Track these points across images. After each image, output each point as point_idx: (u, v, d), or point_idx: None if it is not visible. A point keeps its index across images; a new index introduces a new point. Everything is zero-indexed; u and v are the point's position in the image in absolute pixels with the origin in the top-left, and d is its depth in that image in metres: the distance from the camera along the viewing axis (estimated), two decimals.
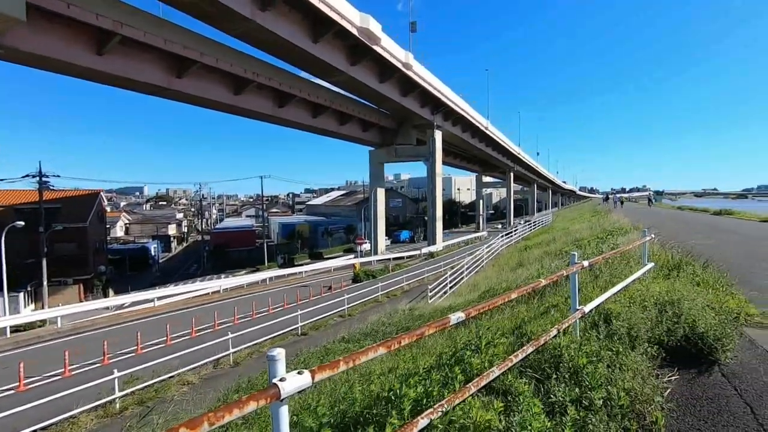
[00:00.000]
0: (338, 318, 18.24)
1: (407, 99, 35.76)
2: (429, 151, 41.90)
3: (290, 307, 19.91)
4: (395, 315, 12.94)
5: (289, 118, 32.03)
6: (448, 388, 2.70)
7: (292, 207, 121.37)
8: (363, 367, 5.70)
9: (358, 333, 11.50)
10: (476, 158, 67.37)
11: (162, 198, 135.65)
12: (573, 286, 3.85)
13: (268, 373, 1.49)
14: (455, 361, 3.23)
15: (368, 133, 41.34)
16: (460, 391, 2.36)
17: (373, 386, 3.60)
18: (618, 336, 3.67)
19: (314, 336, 15.03)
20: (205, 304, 22.91)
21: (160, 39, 20.38)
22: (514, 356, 2.77)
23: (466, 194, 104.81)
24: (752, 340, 4.07)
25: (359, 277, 28.76)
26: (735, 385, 3.19)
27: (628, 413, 2.63)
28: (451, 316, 2.16)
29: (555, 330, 3.31)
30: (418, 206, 77.63)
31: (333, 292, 24.41)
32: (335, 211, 78.01)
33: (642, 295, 4.81)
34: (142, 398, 9.85)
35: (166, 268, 54.49)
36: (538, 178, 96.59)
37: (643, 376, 3.05)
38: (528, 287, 3.10)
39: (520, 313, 5.85)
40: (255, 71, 25.97)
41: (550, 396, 2.65)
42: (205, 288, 26.64)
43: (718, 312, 4.35)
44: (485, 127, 51.49)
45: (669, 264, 6.80)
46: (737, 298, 5.19)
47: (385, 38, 28.20)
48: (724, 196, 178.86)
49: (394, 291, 23.60)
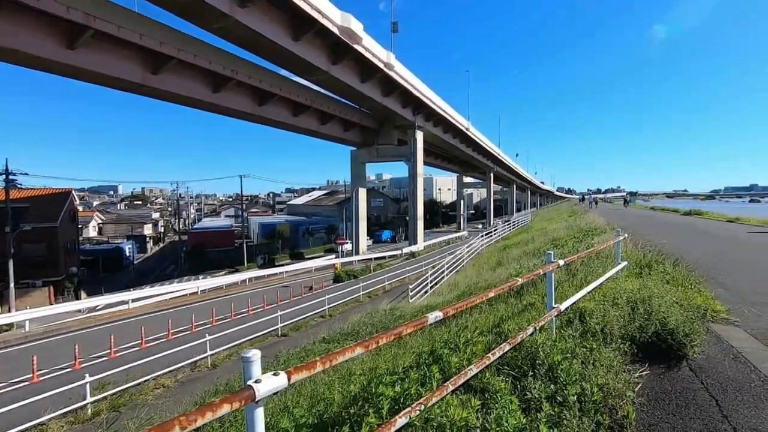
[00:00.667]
0: (319, 318, 18.13)
1: (389, 99, 35.80)
2: (410, 151, 42.06)
3: (270, 308, 19.67)
4: (376, 315, 12.92)
5: (270, 117, 31.66)
6: (427, 387, 2.71)
7: (272, 207, 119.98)
8: (343, 368, 5.68)
9: (339, 333, 11.44)
10: (457, 159, 67.99)
11: (137, 197, 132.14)
12: (549, 285, 3.92)
13: (242, 375, 1.47)
14: (434, 360, 3.25)
15: (350, 133, 41.23)
16: (438, 389, 2.37)
17: (352, 386, 3.59)
18: (592, 333, 3.76)
19: (295, 337, 14.89)
20: (183, 305, 22.43)
21: (136, 34, 19.83)
22: (492, 354, 2.81)
23: (447, 194, 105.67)
24: (718, 335, 4.23)
25: (340, 277, 28.65)
26: (702, 379, 3.31)
27: (600, 408, 2.69)
28: (429, 315, 2.17)
29: (531, 328, 3.37)
30: (399, 206, 77.87)
31: (314, 292, 24.24)
32: (316, 211, 77.48)
33: (615, 292, 4.93)
34: (115, 403, 9.57)
35: (141, 269, 53.08)
36: (517, 178, 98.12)
37: (616, 371, 3.13)
38: (505, 286, 3.14)
39: (499, 311, 5.93)
40: (234, 69, 25.57)
41: (527, 393, 2.70)
42: (183, 289, 26.07)
43: (687, 309, 4.51)
44: (466, 129, 52.00)
45: (641, 263, 7.00)
46: (705, 296, 5.39)
47: (367, 38, 28.16)
48: (693, 197, 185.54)
49: (375, 291, 23.59)
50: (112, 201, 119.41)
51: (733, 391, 3.08)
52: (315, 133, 38.65)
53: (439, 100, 42.68)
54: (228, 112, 30.01)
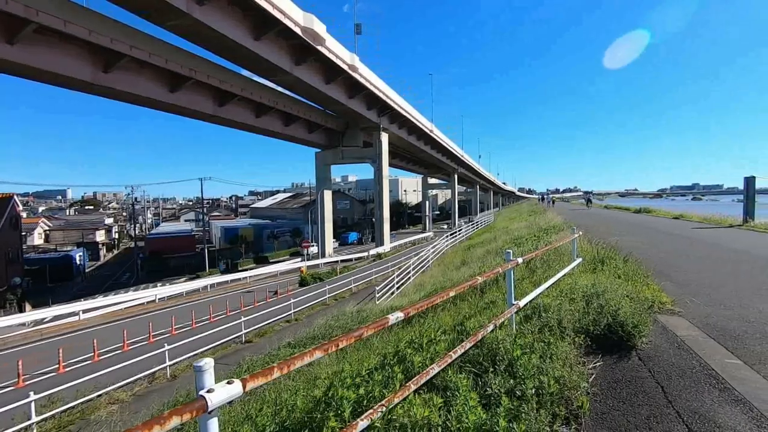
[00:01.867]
0: (285, 323, 17.80)
1: (353, 101, 35.75)
2: (376, 153, 42.17)
3: (233, 314, 19.14)
4: (342, 317, 12.83)
5: (231, 118, 30.85)
6: (390, 387, 2.72)
7: (235, 210, 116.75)
8: (309, 372, 5.61)
9: (305, 337, 11.28)
10: (422, 161, 68.79)
11: (89, 202, 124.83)
12: (509, 282, 4.03)
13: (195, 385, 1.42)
14: (398, 360, 3.26)
15: (314, 135, 40.83)
16: (401, 390, 2.38)
17: (317, 391, 3.54)
18: (549, 328, 3.90)
19: (259, 343, 14.56)
20: (140, 315, 21.41)
21: (84, 30, 18.78)
22: (453, 352, 2.85)
23: (413, 195, 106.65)
24: (664, 325, 4.49)
25: (306, 280, 28.30)
26: (649, 367, 3.50)
27: (557, 400, 2.80)
28: (390, 316, 2.18)
29: (492, 325, 3.45)
30: (365, 208, 77.80)
31: (279, 297, 23.78)
32: (281, 214, 76.13)
33: (571, 288, 5.14)
34: (63, 422, 8.99)
35: (94, 277, 50.18)
36: (480, 179, 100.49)
37: (571, 364, 3.26)
38: (465, 285, 3.20)
39: (463, 309, 6.04)
40: (193, 68, 24.74)
41: (487, 388, 2.76)
42: (139, 298, 24.87)
43: (636, 302, 4.77)
44: (430, 131, 52.72)
45: (595, 259, 7.34)
46: (652, 288, 5.71)
47: (330, 39, 28.01)
48: (643, 196, 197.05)
49: (342, 293, 23.45)
50: (60, 206, 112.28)
51: (677, 378, 3.27)
52: (279, 135, 38.02)
53: (404, 103, 43.06)
54: (187, 113, 28.99)
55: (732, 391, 3.01)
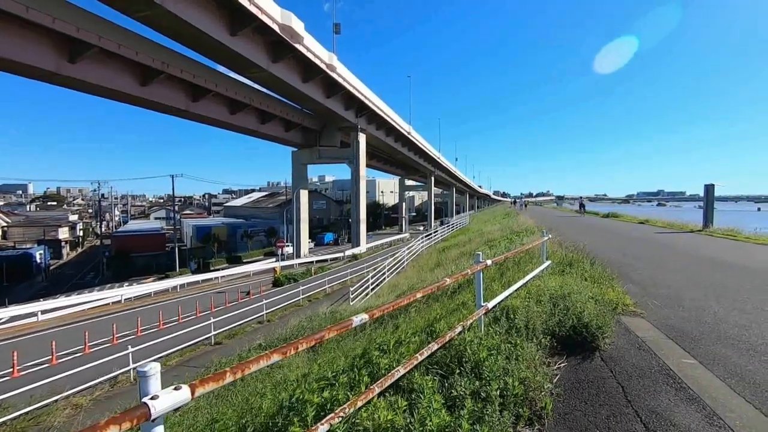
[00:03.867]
0: (257, 324, 17.48)
1: (331, 100, 35.52)
2: (353, 153, 42.04)
3: (203, 315, 18.65)
4: (316, 318, 12.69)
5: (205, 114, 30.08)
6: (355, 390, 2.68)
7: (208, 208, 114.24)
8: (278, 374, 5.50)
9: (276, 339, 11.08)
10: (400, 162, 69.04)
11: (52, 197, 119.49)
12: (478, 284, 4.06)
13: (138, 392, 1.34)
14: (365, 363, 3.23)
15: (291, 134, 40.35)
16: (365, 393, 2.35)
17: (284, 394, 3.47)
18: (516, 329, 3.94)
19: (229, 345, 14.23)
20: (104, 316, 20.58)
21: (48, 17, 17.94)
22: (420, 354, 2.83)
23: (390, 197, 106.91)
24: (626, 327, 4.62)
25: (280, 281, 27.90)
26: (611, 368, 3.59)
27: (521, 401, 2.82)
28: (354, 318, 2.14)
29: (460, 327, 3.45)
30: (342, 208, 77.43)
31: (251, 297, 23.35)
32: (256, 213, 74.82)
33: (539, 290, 5.23)
34: (16, 428, 8.52)
35: (55, 276, 47.97)
36: (456, 182, 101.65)
37: (536, 365, 3.30)
38: (434, 286, 3.20)
39: (434, 310, 6.06)
40: (165, 61, 24.01)
41: (452, 390, 2.75)
42: (104, 298, 23.91)
43: (600, 304, 4.89)
44: (408, 132, 52.97)
45: (563, 261, 7.50)
46: (616, 291, 5.88)
47: (308, 38, 27.75)
48: (611, 201, 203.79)
49: (316, 294, 23.22)
50: (20, 201, 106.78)
51: (637, 378, 3.37)
52: (254, 133, 37.38)
53: (382, 104, 43.10)
54: (158, 108, 28.07)
55: (687, 390, 3.12)
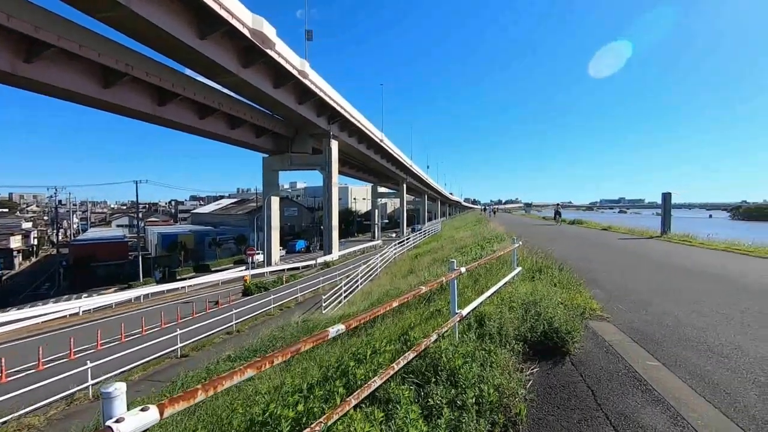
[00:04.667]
0: (225, 335, 16.98)
1: (303, 107, 35.30)
2: (325, 160, 41.82)
3: (169, 326, 17.96)
4: (288, 328, 12.44)
5: (172, 119, 29.24)
6: (331, 403, 2.63)
7: (174, 215, 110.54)
8: (249, 387, 5.33)
9: (247, 350, 10.79)
10: (372, 169, 69.21)
11: (3, 203, 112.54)
12: (452, 291, 4.09)
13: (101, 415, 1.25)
14: (340, 374, 3.17)
15: (262, 140, 39.76)
16: (341, 405, 2.30)
17: (255, 408, 3.36)
18: (490, 336, 3.99)
19: (196, 357, 13.73)
20: (60, 329, 19.47)
21: (2, 14, 17.04)
22: (396, 364, 2.81)
23: (362, 204, 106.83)
24: (594, 331, 4.76)
25: (250, 290, 27.26)
26: (581, 372, 3.68)
27: (496, 408, 2.84)
28: (330, 329, 2.10)
29: (435, 334, 3.46)
30: (314, 215, 76.73)
31: (220, 307, 22.70)
32: (225, 221, 73.02)
33: (511, 296, 5.32)
34: None
35: (7, 288, 45.05)
36: (428, 189, 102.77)
37: (510, 371, 3.34)
38: (409, 295, 3.19)
39: (409, 318, 6.05)
40: (130, 63, 23.22)
41: (429, 399, 2.74)
42: (60, 310, 22.64)
43: (570, 309, 5.02)
44: (380, 140, 53.23)
45: (533, 268, 7.68)
46: (584, 296, 6.05)
47: (280, 43, 27.55)
48: (576, 209, 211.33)
49: (287, 303, 22.82)
50: None
51: (606, 381, 3.46)
52: (224, 138, 36.61)
53: (354, 111, 43.18)
54: (123, 111, 27.07)
55: (653, 392, 3.23)
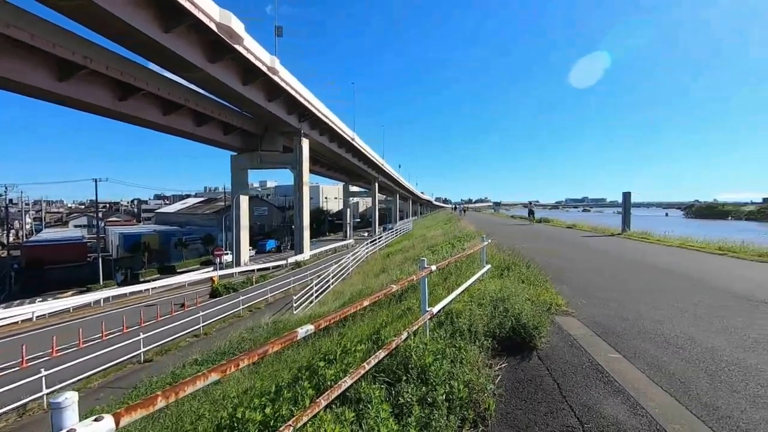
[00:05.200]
0: (192, 338, 16.49)
1: (273, 104, 34.69)
2: (296, 159, 41.27)
3: (131, 330, 17.27)
4: (257, 329, 12.21)
5: (134, 114, 28.04)
6: (300, 405, 2.58)
7: (137, 215, 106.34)
8: (217, 390, 5.19)
9: (215, 353, 10.51)
10: (344, 168, 68.86)
11: None
12: (423, 290, 4.11)
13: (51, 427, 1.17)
14: (310, 375, 3.13)
15: (230, 137, 38.79)
16: (311, 406, 2.27)
17: (222, 412, 3.27)
18: (460, 333, 4.04)
19: (161, 361, 13.26)
20: (10, 336, 18.32)
21: None
22: (367, 363, 2.80)
23: (334, 203, 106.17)
24: (560, 326, 4.91)
25: (218, 291, 26.59)
26: (547, 365, 3.78)
27: (466, 404, 2.87)
28: (299, 330, 2.06)
29: (406, 333, 3.46)
30: (284, 214, 75.62)
31: (186, 309, 22.00)
32: (192, 220, 70.83)
33: (481, 293, 5.41)
34: None
35: None
36: (400, 188, 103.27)
37: (479, 367, 3.39)
38: (380, 294, 3.18)
39: (380, 317, 6.05)
40: (88, 55, 22.10)
41: (400, 398, 2.74)
42: (11, 316, 21.31)
43: (537, 304, 5.16)
44: (352, 138, 53.02)
45: (502, 265, 7.84)
46: (550, 292, 6.23)
47: (249, 39, 26.94)
48: (543, 207, 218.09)
49: (257, 304, 22.39)
50: None
51: (571, 374, 3.57)
52: (190, 135, 35.47)
53: (325, 109, 42.82)
54: (80, 106, 25.75)
55: (614, 383, 3.36)
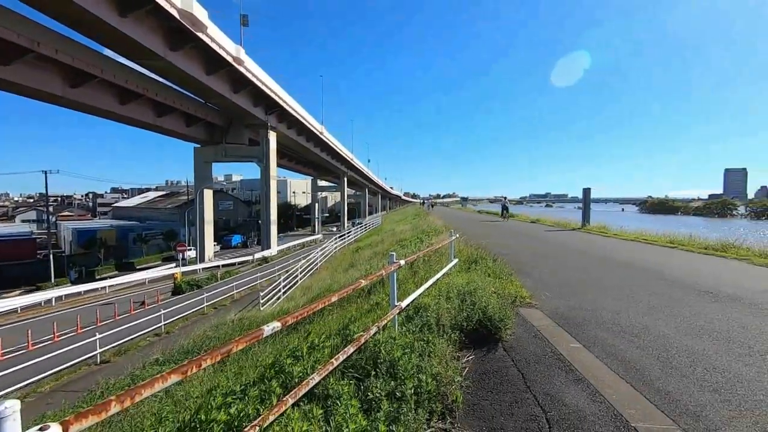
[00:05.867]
0: (153, 337, 15.89)
1: (239, 96, 33.73)
2: (263, 152, 40.37)
3: (87, 330, 16.43)
4: (222, 327, 11.91)
5: (88, 102, 26.53)
6: (267, 403, 2.52)
7: (93, 209, 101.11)
8: (179, 390, 5.01)
9: (177, 351, 10.17)
10: (312, 162, 68.02)
11: None
12: (392, 284, 4.11)
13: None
14: (276, 372, 3.07)
15: (193, 129, 37.45)
16: (277, 405, 2.22)
17: (185, 414, 3.15)
18: (428, 326, 4.07)
19: (119, 362, 12.70)
20: None
21: None
22: (336, 359, 2.77)
23: (302, 197, 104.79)
24: (524, 317, 5.05)
25: (181, 288, 25.71)
26: (512, 356, 3.88)
27: (434, 397, 2.90)
28: (265, 327, 2.00)
29: (375, 327, 3.45)
30: (251, 209, 73.89)
31: (147, 307, 21.15)
32: (152, 215, 67.98)
33: (448, 287, 5.48)
34: None
35: None
36: (369, 183, 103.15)
37: (447, 360, 3.43)
38: (349, 288, 3.15)
39: (349, 312, 6.02)
40: (36, 39, 20.67)
41: (368, 393, 2.73)
42: None
43: (502, 297, 5.28)
44: (320, 132, 52.40)
45: (469, 259, 7.99)
46: (515, 284, 6.40)
47: (213, 27, 26.02)
48: (510, 202, 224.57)
49: (222, 301, 21.84)
50: None
51: (534, 364, 3.68)
52: (150, 126, 33.97)
53: (293, 102, 42.05)
54: (27, 92, 24.07)
55: (575, 372, 3.49)
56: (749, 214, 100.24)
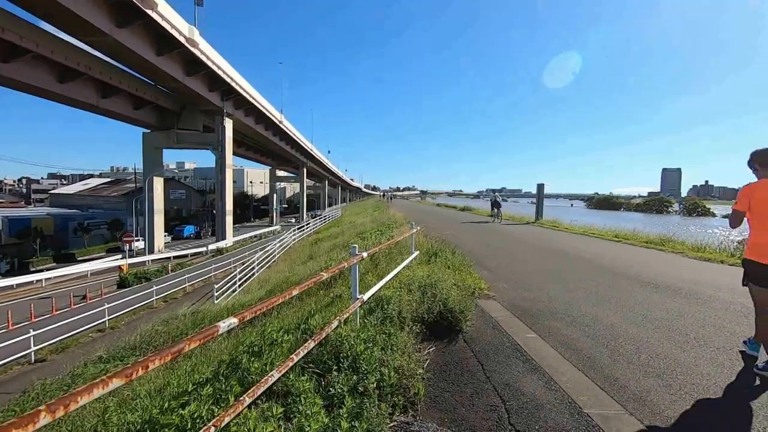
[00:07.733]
0: (96, 333, 14.94)
1: (192, 80, 32.11)
2: (218, 140, 38.79)
3: (19, 327, 15.17)
4: (173, 321, 11.35)
5: (20, 80, 24.27)
6: (223, 403, 2.39)
7: (26, 196, 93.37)
8: (125, 390, 4.71)
9: (123, 348, 9.58)
10: (271, 152, 66.24)
11: None
12: (353, 277, 4.04)
13: None
14: (233, 369, 2.93)
15: (142, 112, 35.30)
16: (234, 405, 2.10)
17: (133, 415, 2.94)
18: (390, 319, 4.05)
19: (57, 360, 11.84)
20: None
21: None
22: (296, 355, 2.67)
23: (260, 188, 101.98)
24: (483, 309, 5.15)
25: (128, 280, 24.35)
26: (472, 347, 3.94)
27: (396, 390, 2.88)
28: (221, 323, 1.87)
29: (337, 321, 3.38)
30: (205, 198, 70.95)
31: (89, 301, 19.85)
32: (95, 203, 63.67)
33: (410, 279, 5.48)
34: None
35: None
36: (329, 174, 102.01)
37: (409, 353, 3.42)
38: (310, 282, 3.05)
39: (309, 305, 5.89)
40: None
41: (330, 388, 2.66)
42: None
43: (462, 289, 5.35)
44: (279, 121, 51.05)
45: (430, 251, 8.05)
46: (474, 276, 6.53)
47: (164, 4, 24.53)
48: (466, 196, 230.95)
49: (173, 294, 20.88)
50: None
51: (493, 355, 3.76)
52: (94, 108, 31.61)
53: (252, 89, 40.63)
54: None
55: (531, 361, 3.59)
56: (681, 210, 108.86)
